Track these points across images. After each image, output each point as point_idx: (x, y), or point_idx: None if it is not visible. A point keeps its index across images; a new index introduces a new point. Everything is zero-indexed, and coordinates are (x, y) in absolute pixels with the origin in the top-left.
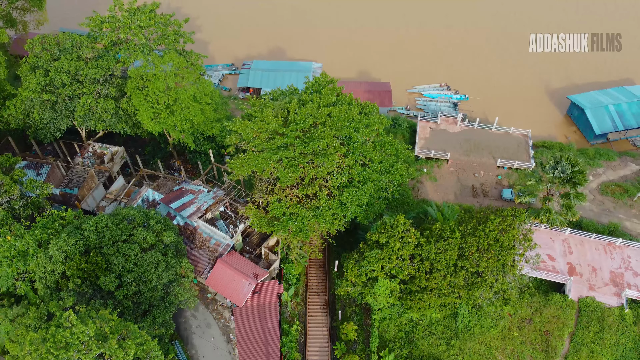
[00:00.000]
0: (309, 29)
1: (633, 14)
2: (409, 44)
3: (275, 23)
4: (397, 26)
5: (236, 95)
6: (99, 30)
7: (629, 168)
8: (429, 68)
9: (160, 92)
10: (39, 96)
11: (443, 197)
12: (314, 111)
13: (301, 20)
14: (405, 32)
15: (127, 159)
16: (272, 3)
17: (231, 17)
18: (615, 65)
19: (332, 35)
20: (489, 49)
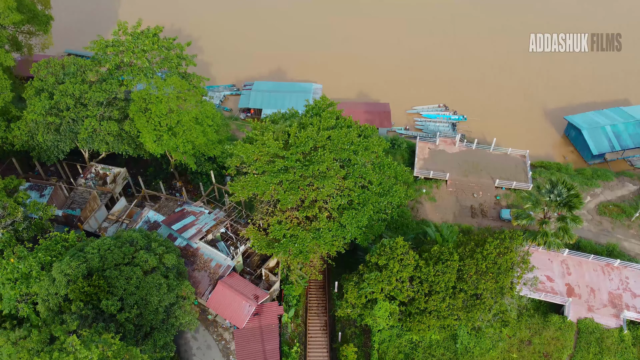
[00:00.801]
0: (309, 50)
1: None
2: (408, 65)
3: (276, 44)
4: (396, 47)
5: (237, 115)
6: (103, 53)
7: (627, 188)
8: (427, 89)
9: (162, 115)
10: (43, 119)
11: (442, 218)
12: (314, 134)
13: (302, 41)
14: (404, 53)
15: (129, 180)
16: (273, 26)
17: (233, 39)
18: (612, 85)
19: (332, 56)
20: (487, 67)
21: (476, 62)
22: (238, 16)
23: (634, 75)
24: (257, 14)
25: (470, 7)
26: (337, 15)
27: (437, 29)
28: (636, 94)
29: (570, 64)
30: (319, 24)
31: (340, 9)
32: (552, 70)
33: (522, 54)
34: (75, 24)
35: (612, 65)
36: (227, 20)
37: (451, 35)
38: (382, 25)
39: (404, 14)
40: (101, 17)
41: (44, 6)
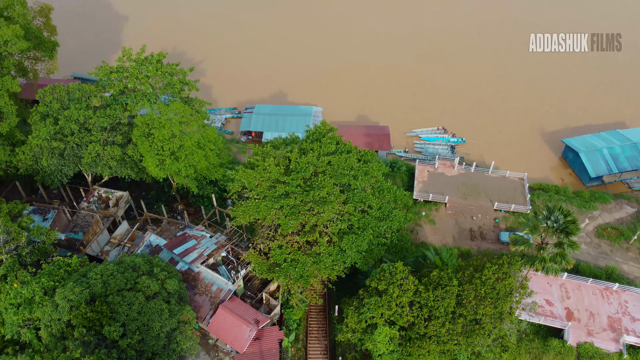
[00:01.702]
0: (310, 73)
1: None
2: (407, 88)
3: (277, 67)
4: (395, 70)
5: (238, 138)
6: (108, 79)
7: (624, 210)
8: (426, 111)
9: (165, 140)
10: (48, 144)
11: (442, 240)
12: (314, 160)
13: (302, 64)
14: (403, 76)
15: (131, 203)
16: (274, 49)
17: (234, 62)
18: (609, 108)
19: (333, 79)
20: (485, 89)
21: (474, 85)
22: (240, 40)
23: (630, 98)
24: (258, 38)
25: (467, 28)
26: (337, 39)
27: (436, 52)
28: (632, 117)
29: (568, 84)
30: (319, 48)
31: (340, 33)
32: (550, 93)
33: (518, 75)
34: (81, 48)
35: (609, 88)
36: (228, 44)
37: (449, 57)
38: (381, 49)
39: (403, 38)
40: (107, 41)
41: (50, 33)
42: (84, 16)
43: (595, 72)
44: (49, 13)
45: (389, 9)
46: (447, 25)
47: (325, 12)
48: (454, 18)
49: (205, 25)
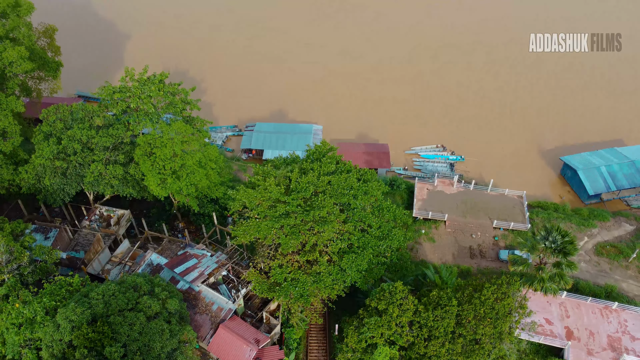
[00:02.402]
0: (310, 93)
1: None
2: (407, 106)
3: (278, 86)
4: (394, 88)
5: (239, 156)
6: (111, 99)
7: (623, 228)
8: (425, 129)
9: (167, 159)
10: (51, 163)
11: (441, 258)
12: (314, 180)
13: (302, 83)
14: (402, 94)
15: (132, 221)
16: (274, 68)
17: (235, 81)
18: (606, 126)
19: (332, 99)
20: (484, 107)
21: (473, 103)
22: (241, 58)
23: (627, 115)
24: (260, 57)
25: (466, 44)
26: (337, 59)
27: (435, 69)
28: (630, 134)
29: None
30: (319, 67)
31: (340, 51)
32: (549, 110)
33: (517, 93)
34: (85, 66)
35: (607, 106)
36: (230, 62)
37: (448, 73)
38: (381, 67)
39: (402, 56)
40: (111, 59)
41: (54, 53)
42: (87, 34)
43: (593, 88)
44: (53, 34)
45: (388, 26)
46: (446, 40)
47: (325, 30)
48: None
49: (207, 43)
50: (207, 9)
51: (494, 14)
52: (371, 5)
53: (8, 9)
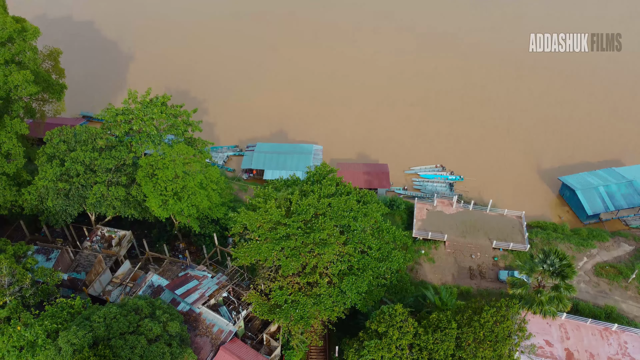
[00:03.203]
0: (310, 112)
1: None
2: (406, 126)
3: (278, 106)
4: (393, 108)
5: (240, 176)
6: (114, 121)
7: (622, 248)
8: (425, 149)
9: (168, 180)
10: (54, 185)
11: (441, 279)
12: (315, 202)
13: (303, 103)
14: (401, 115)
15: (133, 242)
16: (275, 88)
17: (236, 100)
18: (604, 146)
19: (332, 119)
20: (483, 127)
21: (472, 122)
22: (242, 78)
23: (625, 134)
24: (260, 77)
25: (464, 65)
26: (338, 78)
27: (433, 91)
28: (627, 154)
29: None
30: (319, 86)
31: (340, 72)
32: (547, 130)
33: (515, 113)
34: (89, 86)
35: (604, 125)
36: (231, 82)
37: (446, 96)
38: (380, 87)
39: (401, 76)
40: (114, 79)
41: (58, 75)
42: (91, 54)
43: (590, 109)
44: (57, 57)
45: (388, 48)
46: (444, 62)
47: (326, 51)
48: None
49: (209, 64)
50: (210, 30)
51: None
52: (369, 25)
53: (14, 34)
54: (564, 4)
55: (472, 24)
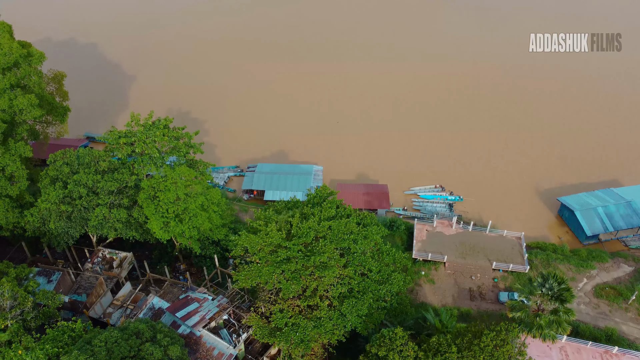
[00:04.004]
0: (311, 133)
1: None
2: (405, 146)
3: (279, 127)
4: (392, 129)
5: (241, 196)
6: (116, 144)
7: (622, 269)
8: (424, 169)
9: (170, 202)
10: (56, 207)
11: (441, 300)
12: (315, 225)
13: (303, 124)
14: (401, 134)
15: (134, 264)
16: (276, 109)
17: (237, 122)
18: (602, 166)
19: (332, 139)
20: (482, 148)
21: (471, 143)
22: (243, 99)
23: (623, 154)
24: (261, 98)
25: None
26: (338, 99)
27: (432, 108)
28: (625, 175)
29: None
30: (320, 107)
31: (340, 92)
32: (545, 150)
33: (513, 133)
34: (92, 106)
35: (603, 146)
36: (232, 103)
37: (445, 116)
38: (379, 107)
39: (399, 97)
40: (117, 99)
41: (62, 98)
42: (94, 75)
43: (588, 129)
44: (62, 80)
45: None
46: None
47: (326, 72)
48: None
49: (211, 85)
50: (213, 52)
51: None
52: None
53: (20, 59)
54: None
55: (469, 42)
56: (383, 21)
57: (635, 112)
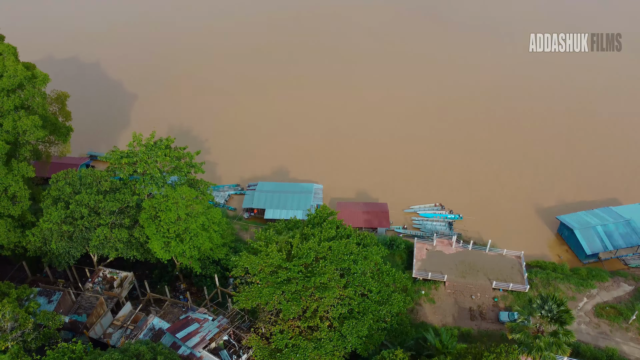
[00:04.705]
0: (311, 152)
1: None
2: (405, 164)
3: (279, 145)
4: (392, 147)
5: (241, 215)
6: (118, 164)
7: (622, 288)
8: (423, 187)
9: (171, 222)
10: (58, 227)
11: (442, 320)
12: (315, 246)
13: (303, 143)
14: (401, 153)
15: (135, 283)
16: (276, 127)
17: (238, 140)
18: (601, 184)
19: (332, 157)
20: (482, 165)
21: (470, 162)
22: (243, 118)
23: (622, 173)
24: (262, 116)
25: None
26: (338, 118)
27: (431, 130)
28: (624, 193)
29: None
30: (320, 126)
31: (340, 112)
32: (544, 169)
33: (512, 150)
34: (96, 126)
35: (601, 164)
36: (233, 122)
37: (445, 135)
38: (380, 126)
39: (399, 116)
40: (119, 117)
41: (64, 118)
42: (98, 92)
43: (587, 147)
44: (65, 100)
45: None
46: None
47: (326, 92)
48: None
49: (211, 104)
50: (211, 70)
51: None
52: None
53: (25, 81)
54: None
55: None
56: (384, 40)
57: (633, 130)
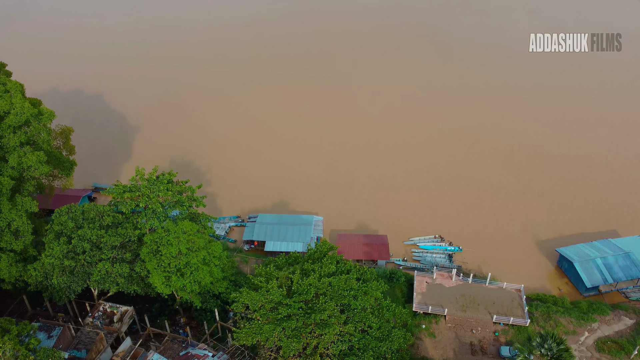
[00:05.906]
0: (311, 184)
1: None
2: (405, 196)
3: (279, 177)
4: (392, 179)
5: (241, 247)
6: (121, 198)
7: (623, 322)
8: (423, 219)
9: (172, 257)
10: (60, 262)
11: (442, 355)
12: (315, 282)
13: (303, 175)
14: (400, 185)
15: (135, 318)
16: (276, 159)
17: (238, 172)
18: (600, 217)
19: (332, 190)
20: (480, 196)
21: (469, 194)
22: (244, 150)
23: (620, 205)
24: (262, 149)
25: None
26: (337, 149)
27: (431, 161)
28: (623, 225)
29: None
30: (319, 157)
31: (339, 143)
32: (543, 201)
33: (511, 182)
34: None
35: (600, 196)
36: (233, 154)
37: (444, 166)
38: (378, 158)
39: (399, 147)
40: (122, 147)
41: (68, 152)
42: (100, 124)
43: (586, 179)
44: (69, 134)
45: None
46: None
47: (326, 123)
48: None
49: (213, 135)
50: (212, 101)
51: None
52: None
53: (31, 118)
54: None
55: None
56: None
57: (632, 162)
